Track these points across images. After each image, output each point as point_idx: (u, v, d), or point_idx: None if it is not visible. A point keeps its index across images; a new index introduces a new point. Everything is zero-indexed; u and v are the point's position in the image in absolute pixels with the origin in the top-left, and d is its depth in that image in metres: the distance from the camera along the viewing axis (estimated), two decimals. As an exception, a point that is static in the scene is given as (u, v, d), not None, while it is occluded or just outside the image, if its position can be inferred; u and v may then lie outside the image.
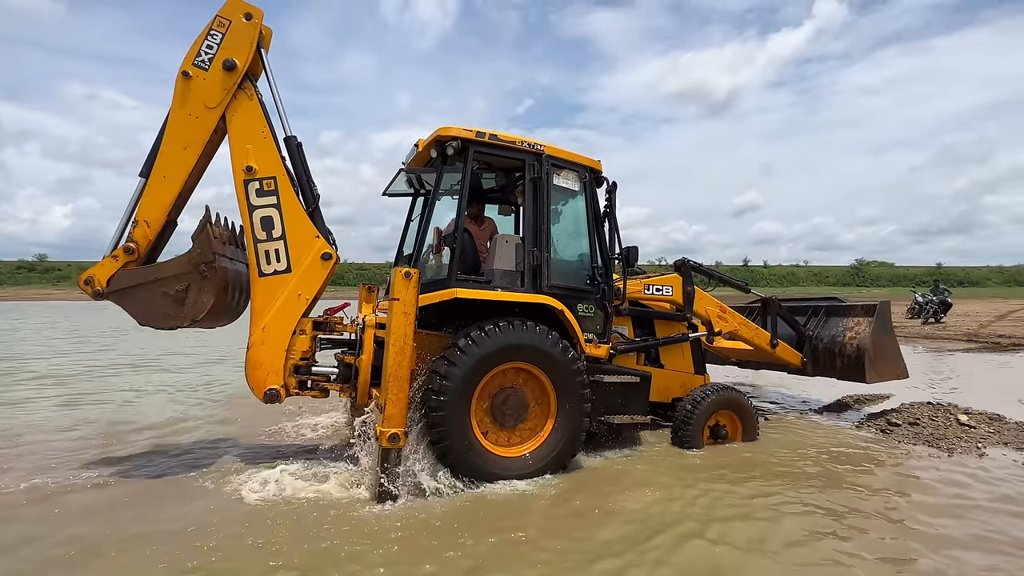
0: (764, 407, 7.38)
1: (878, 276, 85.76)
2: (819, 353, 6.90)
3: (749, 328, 6.57)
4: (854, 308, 6.88)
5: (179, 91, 4.43)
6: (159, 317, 4.42)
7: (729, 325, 6.37)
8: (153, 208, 4.48)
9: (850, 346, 6.55)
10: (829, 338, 6.85)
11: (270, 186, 4.57)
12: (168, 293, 4.38)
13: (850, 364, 6.52)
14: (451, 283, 4.36)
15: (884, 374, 6.54)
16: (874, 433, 6.04)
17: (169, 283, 4.38)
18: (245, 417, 6.71)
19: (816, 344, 6.97)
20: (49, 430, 6.14)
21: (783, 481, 4.53)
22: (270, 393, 4.46)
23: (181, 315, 4.42)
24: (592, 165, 5.17)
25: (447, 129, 4.55)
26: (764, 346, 6.61)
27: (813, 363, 6.94)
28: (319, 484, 4.26)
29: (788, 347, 6.87)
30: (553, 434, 4.52)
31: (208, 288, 4.40)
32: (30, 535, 3.48)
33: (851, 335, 6.61)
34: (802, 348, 6.99)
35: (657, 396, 5.75)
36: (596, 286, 5.02)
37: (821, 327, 7.06)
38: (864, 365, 6.33)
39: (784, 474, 4.69)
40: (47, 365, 11.18)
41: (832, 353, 6.73)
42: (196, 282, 4.40)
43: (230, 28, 4.46)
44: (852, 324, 6.70)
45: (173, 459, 5.08)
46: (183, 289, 4.39)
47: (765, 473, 4.72)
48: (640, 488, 4.36)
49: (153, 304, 4.39)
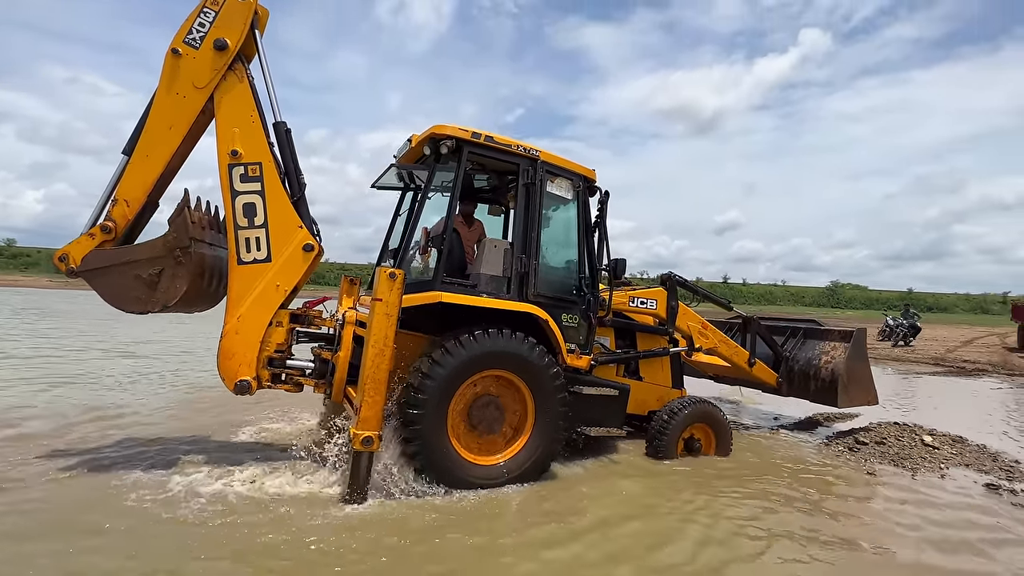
0: (738, 422, 7.46)
1: (852, 298, 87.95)
2: (794, 374, 7.00)
3: (728, 346, 6.64)
4: (831, 332, 6.98)
5: (167, 69, 4.27)
6: (130, 300, 4.26)
7: (710, 342, 6.42)
8: (134, 187, 4.31)
9: (825, 370, 6.65)
10: (805, 360, 6.94)
11: (255, 172, 4.44)
12: (141, 276, 4.22)
13: (823, 388, 6.62)
14: (436, 285, 4.29)
15: (855, 400, 6.66)
16: (842, 451, 6.15)
17: (142, 266, 4.22)
18: (214, 410, 6.54)
19: (792, 365, 7.07)
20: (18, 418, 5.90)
21: (749, 493, 4.60)
22: (241, 384, 4.32)
23: (153, 299, 4.27)
24: (586, 174, 5.14)
25: (442, 127, 4.47)
26: (742, 364, 6.69)
27: (788, 384, 7.04)
28: (288, 483, 4.16)
29: (765, 366, 6.96)
30: (530, 443, 4.48)
31: (182, 274, 4.25)
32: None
33: (827, 359, 6.72)
34: (778, 368, 7.09)
35: (634, 408, 5.76)
36: (582, 296, 4.99)
37: (798, 349, 7.16)
38: (837, 390, 6.44)
39: (752, 488, 4.75)
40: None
41: (807, 375, 6.83)
42: (170, 267, 4.24)
43: (224, 6, 4.31)
44: (828, 348, 6.81)
45: (137, 453, 4.91)
46: (156, 273, 4.23)
47: (733, 486, 4.77)
48: (611, 496, 4.39)
49: (124, 287, 4.23)
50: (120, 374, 8.60)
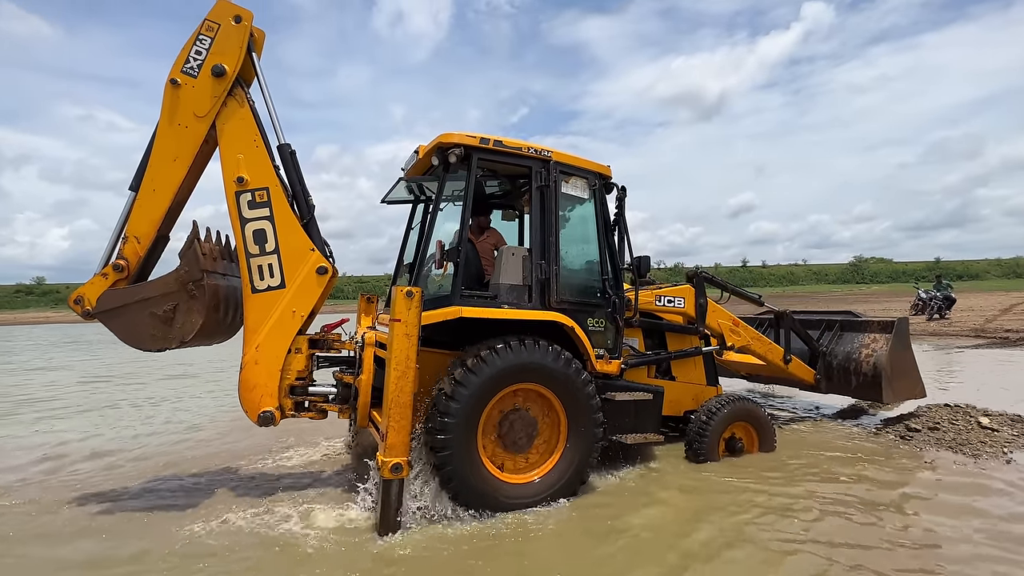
0: (778, 415, 7.17)
1: (877, 272, 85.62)
2: (833, 370, 6.67)
3: (762, 343, 6.34)
4: (870, 324, 6.64)
5: (168, 100, 4.19)
6: (147, 339, 4.19)
7: (742, 339, 6.14)
8: (143, 223, 4.24)
9: (866, 364, 6.32)
10: (844, 355, 6.61)
11: (262, 197, 4.33)
12: (155, 313, 4.14)
13: (866, 382, 6.29)
14: (455, 300, 4.12)
15: (902, 393, 6.31)
16: (894, 439, 5.84)
17: (156, 303, 4.14)
18: (240, 440, 6.48)
19: (830, 360, 6.73)
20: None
21: (802, 496, 4.34)
22: (264, 416, 4.22)
23: (169, 336, 4.19)
24: (601, 171, 4.93)
25: (449, 136, 4.31)
26: (777, 362, 6.39)
27: (827, 380, 6.71)
28: (318, 514, 4.03)
29: (801, 363, 6.64)
30: (564, 457, 4.29)
31: (197, 308, 4.16)
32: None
33: (867, 352, 6.37)
34: (815, 364, 6.76)
35: (669, 409, 5.53)
36: (607, 298, 4.78)
37: (835, 343, 6.82)
38: (881, 384, 6.10)
39: (803, 488, 4.49)
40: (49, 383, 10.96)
41: (847, 370, 6.49)
42: (184, 301, 4.16)
43: (219, 32, 4.22)
44: (868, 341, 6.47)
45: (165, 486, 4.85)
46: (171, 309, 4.15)
47: (783, 487, 4.52)
48: (652, 507, 4.18)
49: (140, 325, 4.16)
50: (150, 400, 8.63)
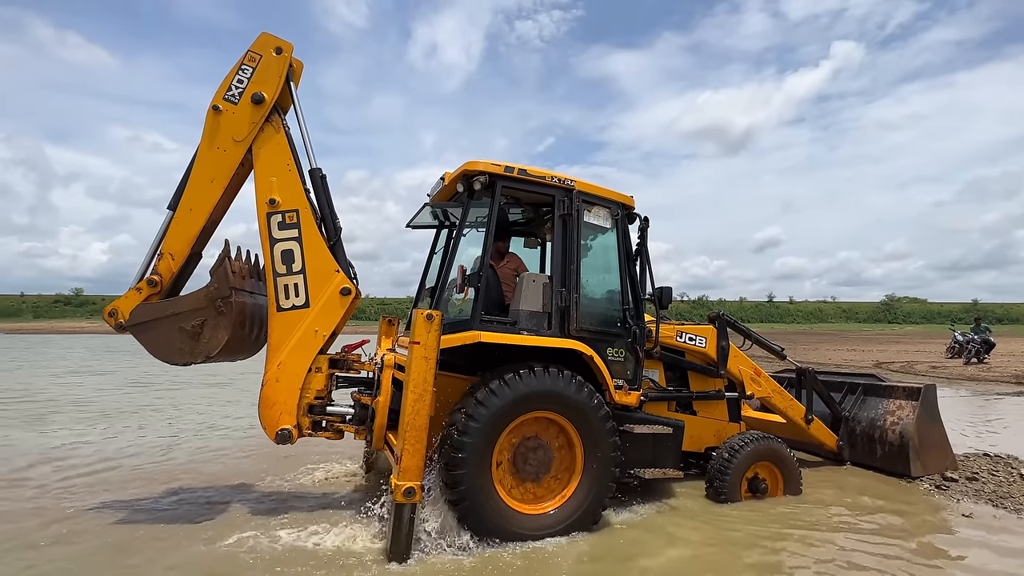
0: (804, 456, 6.89)
1: (910, 312, 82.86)
2: (857, 437, 6.34)
3: (783, 397, 6.07)
4: (895, 389, 6.30)
5: (209, 125, 4.40)
6: (174, 352, 4.31)
7: (762, 390, 5.91)
8: (178, 241, 4.41)
9: (892, 432, 5.98)
10: (868, 421, 6.28)
11: (292, 219, 4.48)
12: (184, 328, 4.27)
13: (892, 452, 5.95)
14: (475, 324, 4.14)
15: (931, 466, 5.89)
16: (928, 488, 5.54)
17: (185, 318, 4.27)
18: (255, 457, 6.52)
19: (853, 426, 6.40)
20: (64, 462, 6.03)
21: (826, 543, 4.13)
22: (282, 433, 4.26)
23: (196, 350, 4.30)
24: (624, 201, 4.96)
25: (474, 163, 4.41)
26: (798, 420, 6.10)
27: (850, 447, 6.39)
28: (329, 537, 4.00)
29: (823, 425, 6.33)
30: (580, 489, 4.20)
31: (223, 324, 4.27)
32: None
33: (892, 420, 6.05)
34: (837, 429, 6.44)
35: (689, 445, 5.37)
36: (627, 328, 4.74)
37: (859, 408, 6.49)
38: (908, 455, 5.78)
39: (829, 538, 4.27)
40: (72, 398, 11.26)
41: (871, 438, 6.17)
42: (212, 317, 4.28)
43: (260, 62, 4.45)
44: (893, 408, 6.13)
45: (176, 503, 4.89)
46: (199, 324, 4.27)
47: (807, 533, 4.32)
48: (670, 546, 4.04)
49: (169, 339, 4.28)
50: (168, 408, 8.77)
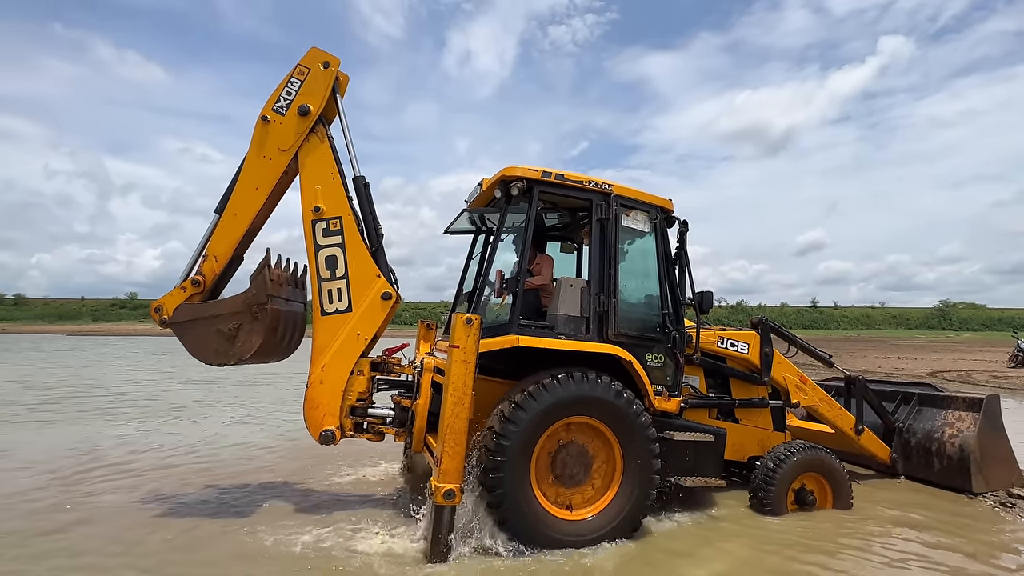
0: (854, 468, 6.60)
1: (967, 319, 78.29)
2: (912, 449, 6.04)
3: (831, 406, 5.82)
4: (954, 400, 5.98)
5: (257, 135, 4.60)
6: (210, 353, 4.45)
7: (809, 399, 5.70)
8: (222, 244, 4.60)
9: (951, 445, 5.67)
10: (924, 433, 5.97)
11: (336, 226, 4.62)
12: (221, 330, 4.41)
13: (951, 467, 5.64)
14: (513, 329, 4.16)
15: (995, 482, 5.56)
16: (991, 505, 5.22)
17: (223, 320, 4.42)
18: (298, 456, 6.70)
19: (908, 438, 6.10)
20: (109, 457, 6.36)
21: (878, 561, 3.94)
22: (325, 434, 4.38)
23: (230, 352, 4.43)
24: (663, 205, 4.90)
25: (512, 169, 4.45)
26: (847, 431, 5.85)
27: (904, 460, 6.09)
28: (369, 537, 4.09)
29: (875, 437, 6.05)
30: (619, 496, 4.15)
31: (258, 329, 4.39)
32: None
33: (951, 432, 5.73)
34: (890, 441, 6.15)
35: (731, 454, 5.23)
36: (666, 333, 4.67)
37: (914, 419, 6.18)
38: (969, 470, 5.47)
39: (880, 553, 4.08)
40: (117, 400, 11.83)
41: (928, 451, 5.87)
42: (248, 322, 4.40)
43: (308, 76, 4.62)
44: (952, 419, 5.81)
45: (222, 501, 5.07)
46: (235, 328, 4.40)
47: (856, 550, 4.13)
48: (713, 558, 3.95)
49: (206, 339, 4.44)
50: (204, 405, 9.13)
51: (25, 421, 8.73)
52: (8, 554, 3.76)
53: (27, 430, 7.99)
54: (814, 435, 6.16)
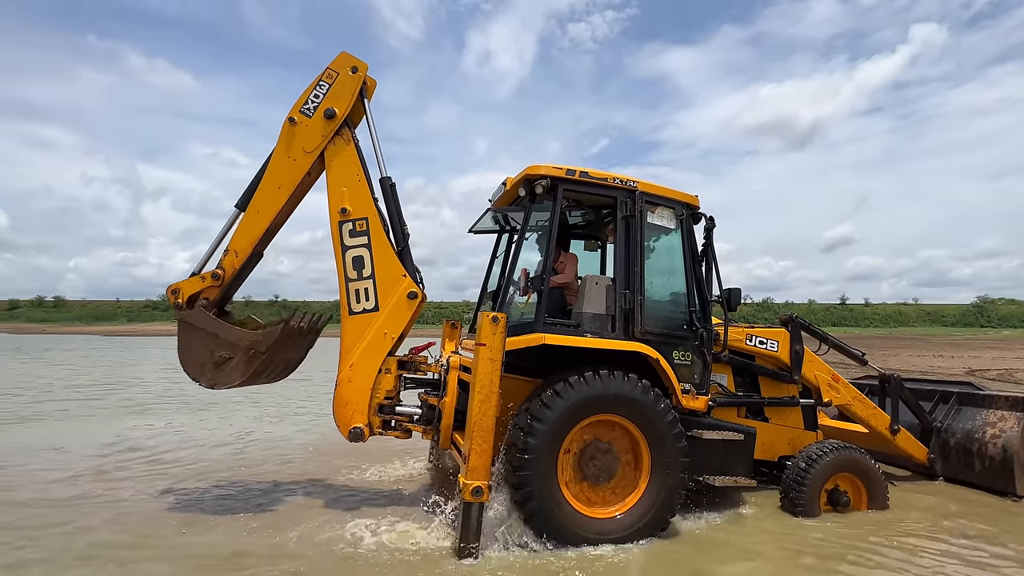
0: (890, 470, 6.42)
1: (1007, 316, 75.18)
2: (951, 450, 5.84)
3: (864, 405, 5.68)
4: (996, 399, 5.77)
5: (284, 135, 4.69)
6: (193, 366, 4.47)
7: (841, 398, 5.56)
8: (243, 240, 4.69)
9: (992, 446, 5.48)
10: (964, 433, 5.78)
11: (362, 227, 4.68)
12: (213, 352, 4.42)
13: (993, 468, 5.44)
14: (539, 327, 4.17)
15: None
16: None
17: (221, 346, 4.42)
18: (328, 454, 6.81)
19: (946, 438, 5.90)
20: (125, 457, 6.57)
21: (914, 564, 3.83)
22: (354, 432, 4.45)
23: (207, 376, 4.45)
24: (689, 201, 4.85)
25: (536, 167, 4.45)
26: (881, 430, 5.70)
27: (943, 461, 5.90)
28: (398, 532, 4.14)
29: (911, 437, 5.88)
30: (647, 494, 4.12)
31: (244, 369, 4.42)
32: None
33: (993, 432, 5.53)
34: (927, 441, 5.97)
35: (761, 453, 5.15)
36: (694, 331, 4.62)
37: (953, 418, 5.99)
38: (1013, 472, 5.28)
39: (916, 556, 3.97)
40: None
41: (968, 452, 5.68)
42: (240, 360, 4.42)
43: (337, 80, 4.70)
44: (994, 419, 5.61)
45: (250, 496, 5.19)
46: (226, 358, 4.41)
47: (891, 552, 4.02)
48: (742, 558, 3.90)
49: (197, 352, 4.45)
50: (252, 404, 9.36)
51: (76, 416, 9.11)
52: (48, 542, 3.92)
53: (75, 423, 8.32)
54: (847, 435, 6.00)
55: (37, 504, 4.76)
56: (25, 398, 11.13)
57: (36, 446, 6.93)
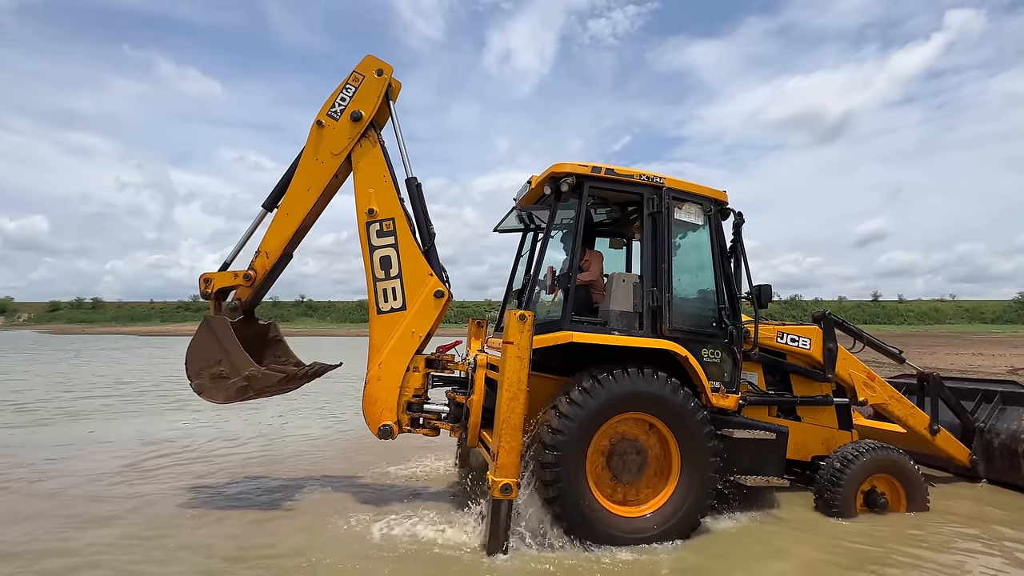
0: (929, 471, 6.21)
1: (1052, 311, 71.93)
2: (995, 451, 5.61)
3: (902, 405, 5.49)
4: None
5: (312, 138, 4.78)
6: (194, 365, 4.53)
7: (877, 396, 5.39)
8: (273, 241, 4.81)
9: None
10: (1009, 434, 5.54)
11: (389, 227, 4.75)
12: (215, 362, 4.48)
13: None
14: (565, 325, 4.16)
15: None
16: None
17: (224, 361, 4.47)
18: (358, 451, 6.92)
19: (990, 439, 5.67)
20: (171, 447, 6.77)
21: (954, 569, 3.71)
22: (384, 429, 4.51)
23: (200, 381, 4.51)
24: (717, 196, 4.77)
25: (561, 165, 4.44)
26: (920, 430, 5.50)
27: (986, 462, 5.68)
28: (427, 529, 4.18)
29: (952, 437, 5.66)
30: (677, 493, 4.09)
31: (229, 393, 4.49)
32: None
33: None
34: (969, 442, 5.75)
35: (794, 453, 5.03)
36: (723, 328, 4.55)
37: (996, 418, 5.74)
38: None
39: (957, 559, 3.84)
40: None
41: (1013, 453, 5.44)
42: (232, 380, 4.46)
43: (363, 83, 4.77)
44: None
45: (278, 490, 5.30)
46: (222, 373, 4.47)
47: (930, 556, 3.90)
48: (775, 559, 3.84)
49: (203, 355, 4.52)
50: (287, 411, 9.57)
51: (121, 412, 9.47)
52: (87, 534, 4.07)
53: (116, 418, 8.64)
54: (884, 435, 5.82)
55: (67, 493, 4.98)
56: (72, 395, 11.60)
57: (82, 440, 7.22)
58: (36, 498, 4.93)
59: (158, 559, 3.69)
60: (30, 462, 6.15)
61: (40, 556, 3.72)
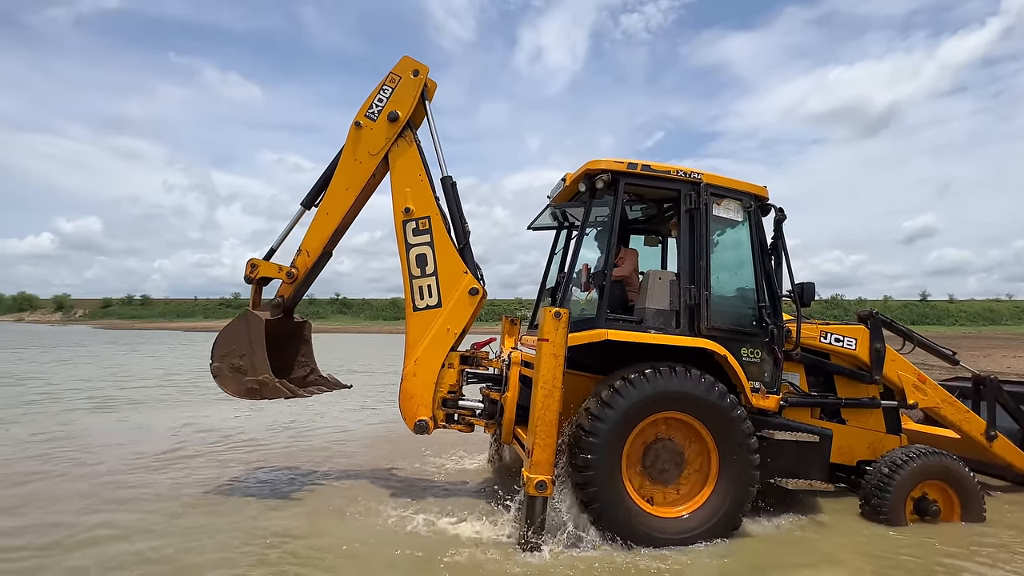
0: (984, 479, 5.89)
1: (1122, 312, 67.05)
2: None
3: (956, 409, 5.21)
4: None
5: (351, 139, 4.89)
6: (220, 350, 4.69)
7: (929, 400, 5.13)
8: (314, 240, 4.95)
9: None
10: None
11: (424, 225, 4.82)
12: (239, 354, 4.62)
13: None
14: (601, 323, 4.13)
15: None
16: None
17: (247, 357, 4.61)
18: (394, 446, 7.04)
19: None
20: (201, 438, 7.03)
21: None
22: (420, 424, 4.59)
23: (220, 366, 4.66)
24: (757, 192, 4.65)
25: (597, 162, 4.41)
26: (976, 436, 5.22)
27: None
28: (461, 525, 4.22)
29: (1011, 444, 5.34)
30: (716, 494, 4.01)
31: (240, 390, 4.63)
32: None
33: None
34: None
35: (838, 457, 4.85)
36: (763, 327, 4.43)
37: None
38: None
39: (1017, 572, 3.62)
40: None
41: None
42: (248, 380, 4.59)
43: (399, 84, 4.85)
44: None
45: (311, 483, 5.44)
46: (241, 366, 4.61)
47: (986, 569, 3.70)
48: (819, 566, 3.71)
49: (229, 345, 4.68)
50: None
51: (176, 403, 9.94)
52: (137, 523, 4.28)
53: (156, 408, 9.07)
54: (936, 440, 5.55)
55: (111, 475, 5.24)
56: (133, 385, 12.21)
57: (126, 427, 7.60)
58: (88, 480, 5.23)
59: (187, 547, 3.84)
60: (101, 444, 6.62)
61: (90, 528, 4.02)
